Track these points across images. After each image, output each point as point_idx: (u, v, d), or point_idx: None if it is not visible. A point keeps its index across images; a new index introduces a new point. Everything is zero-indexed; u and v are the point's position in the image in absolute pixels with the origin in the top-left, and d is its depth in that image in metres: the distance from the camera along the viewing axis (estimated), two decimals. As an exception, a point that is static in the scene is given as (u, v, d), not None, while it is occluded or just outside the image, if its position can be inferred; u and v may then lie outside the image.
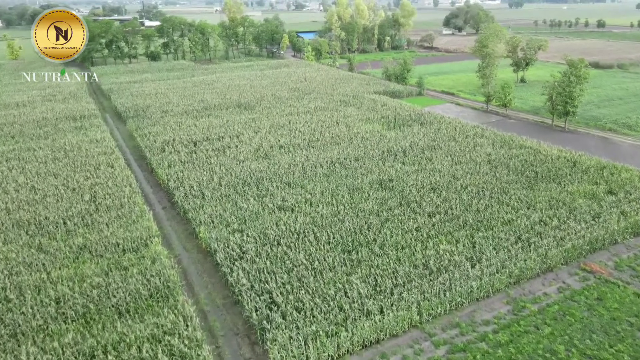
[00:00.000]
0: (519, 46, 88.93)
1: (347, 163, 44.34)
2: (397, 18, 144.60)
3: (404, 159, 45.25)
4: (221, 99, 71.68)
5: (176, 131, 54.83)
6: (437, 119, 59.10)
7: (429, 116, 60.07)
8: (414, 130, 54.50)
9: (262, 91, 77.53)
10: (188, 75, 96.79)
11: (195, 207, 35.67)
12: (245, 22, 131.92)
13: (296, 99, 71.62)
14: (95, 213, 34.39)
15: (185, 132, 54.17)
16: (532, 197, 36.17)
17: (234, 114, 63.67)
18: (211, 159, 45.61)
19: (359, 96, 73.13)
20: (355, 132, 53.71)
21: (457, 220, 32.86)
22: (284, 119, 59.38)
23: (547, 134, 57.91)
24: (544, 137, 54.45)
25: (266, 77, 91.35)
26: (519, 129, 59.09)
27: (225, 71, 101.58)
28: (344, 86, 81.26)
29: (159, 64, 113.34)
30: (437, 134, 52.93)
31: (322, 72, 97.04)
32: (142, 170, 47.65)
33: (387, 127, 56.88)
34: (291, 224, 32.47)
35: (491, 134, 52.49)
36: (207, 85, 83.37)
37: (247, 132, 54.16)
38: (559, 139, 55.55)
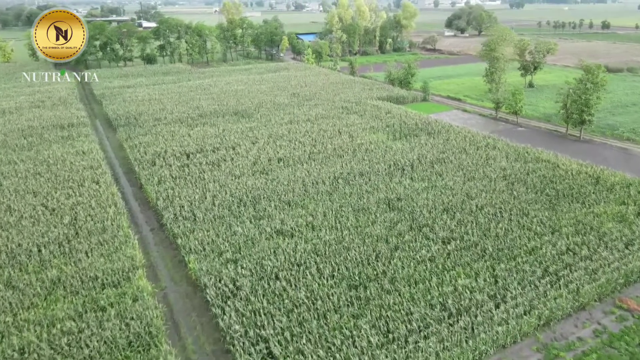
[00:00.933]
0: (527, 49, 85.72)
1: (351, 179, 41.09)
2: (399, 19, 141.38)
3: (412, 174, 42.00)
4: (217, 106, 68.40)
5: (169, 142, 51.56)
6: (445, 128, 55.85)
7: (437, 125, 56.81)
8: (421, 140, 51.26)
9: (260, 97, 74.28)
10: (184, 79, 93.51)
11: (185, 232, 32.43)
12: (244, 24, 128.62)
13: (296, 106, 68.37)
14: (74, 239, 31.10)
15: (178, 143, 50.90)
16: (555, 220, 32.91)
17: (231, 122, 60.39)
18: (205, 173, 42.34)
19: (361, 102, 69.89)
20: (359, 142, 50.46)
21: (475, 248, 29.60)
22: (283, 128, 56.11)
23: (561, 144, 54.67)
24: (559, 148, 51.20)
25: (265, 82, 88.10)
26: (532, 139, 55.85)
27: (223, 75, 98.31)
28: (346, 91, 78.03)
29: (155, 67, 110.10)
30: (446, 145, 49.69)
31: (323, 75, 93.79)
32: (131, 185, 44.34)
33: (393, 137, 53.63)
34: (291, 252, 29.21)
35: (504, 145, 49.24)
36: (203, 91, 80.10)
37: (244, 142, 50.89)
38: (575, 149, 52.33)
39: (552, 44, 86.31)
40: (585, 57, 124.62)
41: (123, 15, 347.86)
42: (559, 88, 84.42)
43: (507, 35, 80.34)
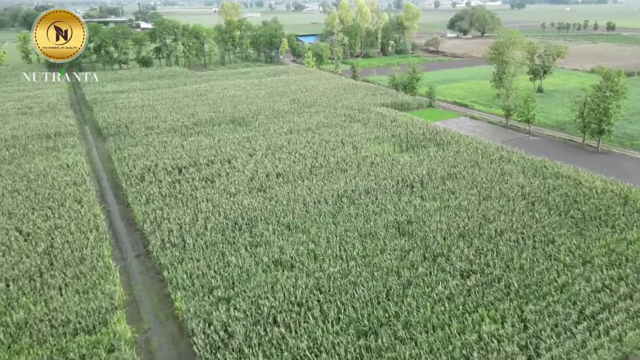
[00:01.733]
0: (536, 53, 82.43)
1: (356, 197, 37.76)
2: (401, 21, 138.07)
3: (423, 192, 38.70)
4: (214, 113, 65.09)
5: (160, 154, 48.21)
6: (454, 138, 52.52)
7: (445, 135, 53.49)
8: (430, 152, 47.94)
9: (258, 103, 70.96)
10: (180, 83, 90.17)
11: (173, 261, 29.09)
12: (243, 26, 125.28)
13: (296, 113, 65.07)
14: (48, 271, 27.76)
15: (171, 155, 47.56)
16: (585, 249, 29.59)
17: (227, 131, 57.07)
18: (197, 191, 39.01)
19: (365, 109, 66.58)
20: (364, 155, 47.12)
21: (498, 283, 26.28)
22: (282, 139, 52.78)
23: (579, 156, 51.38)
24: (577, 160, 47.88)
25: (264, 86, 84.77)
26: (547, 150, 52.59)
27: (220, 79, 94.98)
28: (348, 97, 74.72)
29: (150, 70, 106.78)
30: (457, 157, 46.36)
31: (324, 80, 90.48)
32: (118, 202, 40.99)
33: (399, 148, 50.31)
34: (290, 288, 25.89)
35: (519, 159, 45.91)
36: (199, 96, 76.76)
37: (241, 155, 47.54)
38: (594, 162, 49.04)
39: (562, 47, 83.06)
40: (593, 60, 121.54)
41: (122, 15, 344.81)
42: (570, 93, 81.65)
43: (516, 39, 77.01)
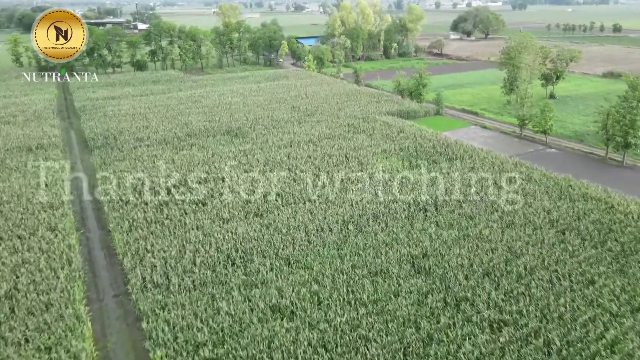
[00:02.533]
0: (548, 57, 78.54)
1: (363, 224, 33.81)
2: (404, 23, 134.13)
3: (437, 217, 34.75)
4: (209, 122, 61.11)
5: (148, 170, 44.21)
6: (467, 152, 48.52)
7: (458, 148, 49.49)
8: (443, 168, 43.97)
9: (256, 111, 66.99)
10: (175, 88, 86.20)
11: (154, 307, 25.12)
12: (241, 28, 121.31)
13: (296, 122, 61.11)
14: (6, 322, 23.78)
15: (160, 172, 43.54)
16: (631, 292, 25.61)
17: (222, 143, 53.09)
18: (187, 216, 35.05)
19: (369, 118, 62.62)
20: (371, 171, 43.14)
21: (537, 339, 22.29)
22: (282, 153, 48.79)
23: (603, 172, 47.40)
24: (601, 177, 43.86)
25: (262, 92, 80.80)
26: (568, 165, 48.65)
27: (217, 84, 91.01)
28: (351, 104, 70.75)
29: (145, 74, 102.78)
30: (472, 175, 42.37)
31: (325, 85, 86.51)
32: (99, 226, 36.95)
33: (409, 163, 46.34)
34: (291, 346, 21.92)
35: (541, 176, 41.91)
36: (194, 103, 72.78)
37: (236, 171, 43.55)
38: (620, 178, 45.09)
39: (575, 52, 79.29)
40: (603, 64, 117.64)
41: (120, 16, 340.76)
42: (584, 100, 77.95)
43: (529, 42, 73.13)
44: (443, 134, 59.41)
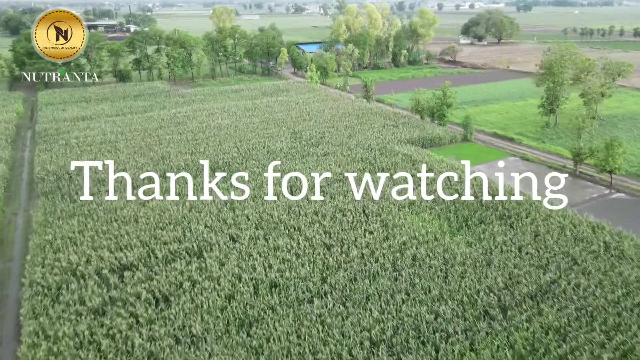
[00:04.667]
0: (591, 71, 67.22)
1: (403, 348, 22.47)
2: (416, 28, 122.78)
3: (509, 327, 23.44)
4: (190, 155, 49.82)
5: (100, 236, 32.87)
6: (522, 205, 37.02)
7: (509, 201, 37.96)
8: (497, 236, 32.62)
9: (250, 138, 55.69)
10: (158, 105, 74.85)
11: None
12: (236, 33, 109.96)
13: (298, 155, 49.80)
14: None
15: (115, 240, 32.26)
16: None
17: (205, 188, 41.71)
18: (135, 332, 23.65)
19: (387, 149, 51.34)
20: (400, 240, 31.82)
21: None
22: (280, 206, 37.41)
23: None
24: None
25: (258, 111, 69.43)
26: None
27: (207, 99, 79.64)
28: (363, 128, 59.41)
29: (127, 86, 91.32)
30: (539, 246, 31.13)
31: (331, 102, 75.15)
32: (13, 337, 25.65)
33: (447, 223, 35.01)
34: None
35: (629, 245, 30.62)
36: (177, 127, 61.42)
37: (219, 239, 32.24)
38: None
39: (625, 65, 67.87)
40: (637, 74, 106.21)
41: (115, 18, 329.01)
42: (635, 121, 66.65)
43: (573, 53, 61.91)
44: (479, 169, 48.25)
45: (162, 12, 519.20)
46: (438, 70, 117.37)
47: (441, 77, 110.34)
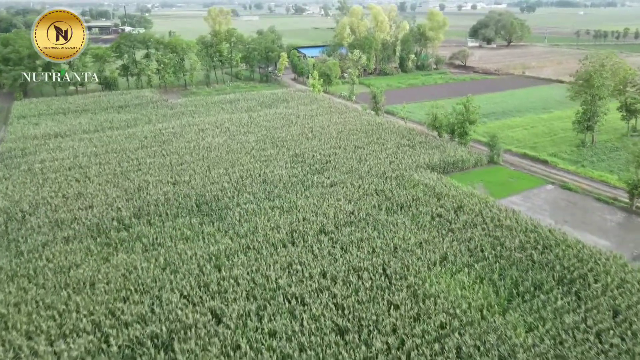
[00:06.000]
0: (631, 81, 59.53)
1: None
2: (424, 31, 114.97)
3: None
4: (172, 186, 42.00)
5: (40, 319, 25.02)
6: (583, 261, 29.22)
7: (564, 252, 30.18)
8: (561, 311, 24.83)
9: (244, 162, 47.91)
10: (143, 119, 67.02)
11: None
12: (232, 37, 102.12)
13: (300, 186, 41.99)
14: None
15: (59, 324, 24.45)
16: None
17: (185, 232, 33.89)
18: None
19: (404, 178, 43.55)
20: (437, 320, 24.03)
21: None
22: (279, 260, 29.57)
23: None
24: None
25: (255, 126, 61.64)
26: None
27: (198, 111, 71.83)
28: (375, 150, 51.64)
29: (113, 95, 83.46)
30: (621, 328, 23.33)
31: (336, 115, 67.33)
32: None
33: (493, 288, 27.17)
34: None
35: None
36: (160, 146, 53.62)
37: (197, 321, 24.41)
38: None
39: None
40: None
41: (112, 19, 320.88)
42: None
43: (615, 64, 54.18)
44: (514, 202, 40.66)
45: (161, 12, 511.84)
46: (449, 77, 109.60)
47: (453, 84, 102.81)
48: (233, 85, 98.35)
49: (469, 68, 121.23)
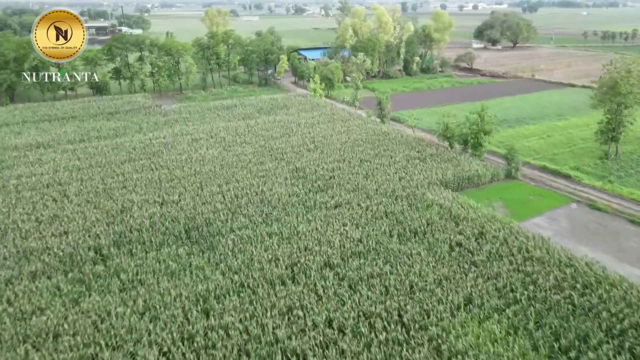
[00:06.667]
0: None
1: None
2: (429, 32, 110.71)
3: None
4: (159, 207, 37.77)
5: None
6: (631, 307, 25.09)
7: (620, 308, 25.97)
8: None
9: (239, 177, 43.67)
10: (133, 127, 62.77)
11: None
12: (230, 39, 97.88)
13: (301, 207, 37.74)
14: None
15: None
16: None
17: (171, 263, 29.63)
18: None
19: (417, 197, 39.34)
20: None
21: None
22: (277, 308, 25.34)
23: None
24: None
25: (252, 136, 57.44)
26: None
27: (193, 118, 67.61)
28: (382, 163, 47.41)
29: (103, 100, 79.11)
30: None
31: (339, 123, 63.11)
32: None
33: (530, 340, 22.95)
34: None
35: None
36: (150, 159, 49.40)
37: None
38: None
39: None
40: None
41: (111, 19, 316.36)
42: None
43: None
44: (538, 225, 36.52)
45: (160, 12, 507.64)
46: (455, 80, 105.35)
47: (460, 88, 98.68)
48: (230, 89, 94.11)
49: (475, 71, 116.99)
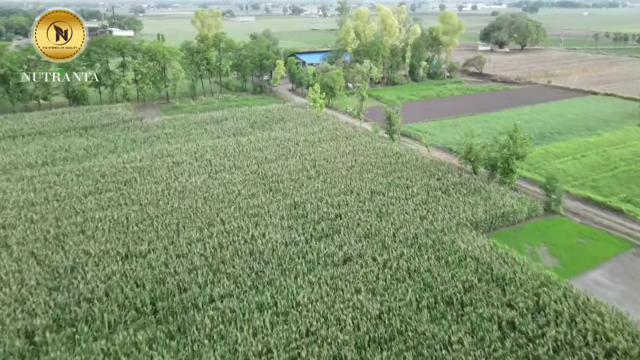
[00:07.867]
0: None
1: None
2: (437, 35, 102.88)
3: None
4: (120, 264, 29.75)
5: None
6: None
7: None
8: None
9: (224, 217, 35.67)
10: (108, 146, 54.70)
11: None
12: (221, 43, 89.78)
13: (300, 261, 29.81)
14: None
15: None
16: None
17: (124, 358, 21.77)
18: None
19: (444, 246, 31.49)
20: None
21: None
22: None
23: None
24: None
25: (242, 157, 49.45)
26: None
27: (177, 134, 59.55)
28: (398, 197, 39.48)
29: (79, 112, 70.88)
30: None
31: (343, 140, 55.20)
32: None
33: None
34: None
35: None
36: (119, 191, 41.28)
37: None
38: None
39: None
40: None
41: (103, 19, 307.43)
42: None
43: None
44: (596, 283, 28.80)
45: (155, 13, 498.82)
46: (465, 87, 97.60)
47: (471, 96, 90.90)
48: (222, 98, 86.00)
49: (486, 76, 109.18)
